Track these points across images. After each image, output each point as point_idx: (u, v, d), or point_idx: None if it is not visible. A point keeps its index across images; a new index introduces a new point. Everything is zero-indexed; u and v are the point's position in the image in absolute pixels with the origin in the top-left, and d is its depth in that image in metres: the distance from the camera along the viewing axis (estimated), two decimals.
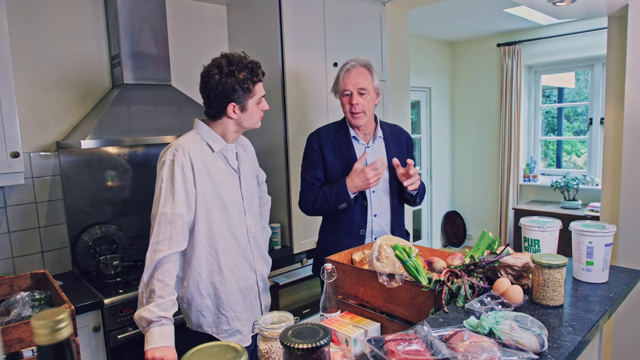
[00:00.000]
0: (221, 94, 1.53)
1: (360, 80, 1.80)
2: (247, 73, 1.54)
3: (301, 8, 2.54)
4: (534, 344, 0.96)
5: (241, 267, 1.66)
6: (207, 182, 1.56)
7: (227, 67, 1.52)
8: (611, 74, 2.90)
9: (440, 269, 1.33)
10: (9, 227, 2.18)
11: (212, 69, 1.54)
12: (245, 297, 1.69)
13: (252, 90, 1.56)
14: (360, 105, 1.81)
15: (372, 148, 1.92)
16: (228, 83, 1.52)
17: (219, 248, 1.60)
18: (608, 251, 1.39)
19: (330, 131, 1.96)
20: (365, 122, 1.86)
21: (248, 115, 1.60)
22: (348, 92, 1.82)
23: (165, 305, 1.43)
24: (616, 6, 2.61)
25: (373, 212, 1.90)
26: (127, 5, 2.29)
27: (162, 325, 1.41)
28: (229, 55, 1.56)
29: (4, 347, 1.31)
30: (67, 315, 0.58)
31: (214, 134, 1.61)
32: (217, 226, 1.59)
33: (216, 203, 1.58)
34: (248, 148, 1.79)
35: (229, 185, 1.63)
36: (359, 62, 1.83)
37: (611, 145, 2.91)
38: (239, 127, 1.63)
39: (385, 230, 1.93)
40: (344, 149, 1.90)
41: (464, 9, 4.09)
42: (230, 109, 1.56)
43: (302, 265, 2.66)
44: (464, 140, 5.82)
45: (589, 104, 4.83)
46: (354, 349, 1.14)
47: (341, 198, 1.79)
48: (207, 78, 1.55)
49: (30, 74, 2.21)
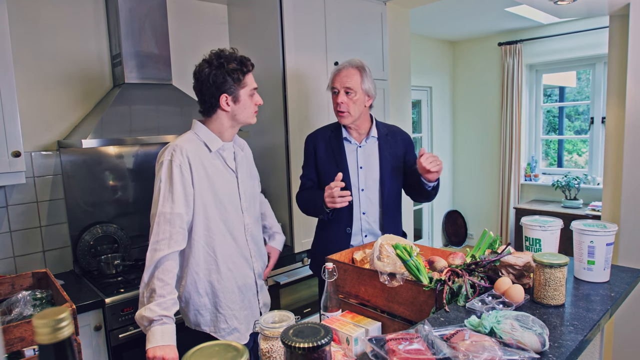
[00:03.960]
0: (213, 86, 1.56)
1: (348, 80, 1.84)
2: (236, 64, 1.57)
3: (302, 7, 2.54)
4: (535, 344, 0.96)
5: (239, 266, 1.67)
6: (204, 181, 1.58)
7: (217, 60, 1.56)
8: (612, 73, 2.89)
9: (441, 268, 1.33)
10: (10, 227, 2.19)
11: (202, 65, 1.59)
12: (244, 295, 1.70)
13: (242, 80, 1.59)
14: (345, 104, 1.85)
15: (364, 148, 1.95)
16: (218, 74, 1.55)
17: (217, 247, 1.61)
18: (609, 250, 1.39)
19: (327, 132, 2.00)
20: (351, 122, 1.89)
21: (241, 107, 1.62)
22: (335, 90, 1.87)
23: (166, 304, 1.43)
24: (617, 5, 2.61)
25: (362, 210, 1.93)
26: (128, 4, 2.29)
27: (163, 324, 1.42)
28: (219, 51, 1.60)
29: (6, 346, 1.31)
30: (69, 315, 0.58)
31: (211, 134, 1.63)
32: (214, 225, 1.60)
33: (213, 202, 1.60)
34: (245, 149, 1.81)
35: (226, 184, 1.64)
36: (351, 63, 1.88)
37: (612, 145, 2.91)
38: (233, 121, 1.64)
39: (374, 229, 1.95)
40: (336, 149, 1.95)
41: (465, 8, 4.09)
42: (222, 100, 1.58)
43: (303, 265, 2.66)
44: (465, 139, 5.81)
45: (590, 103, 4.82)
46: (355, 348, 1.14)
47: (318, 211, 1.87)
48: (199, 73, 1.59)
49: (31, 73, 2.22)
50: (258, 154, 2.70)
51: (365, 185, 1.92)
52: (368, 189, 1.93)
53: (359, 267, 1.40)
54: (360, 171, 1.93)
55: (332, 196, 1.75)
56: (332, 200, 1.76)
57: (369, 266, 1.41)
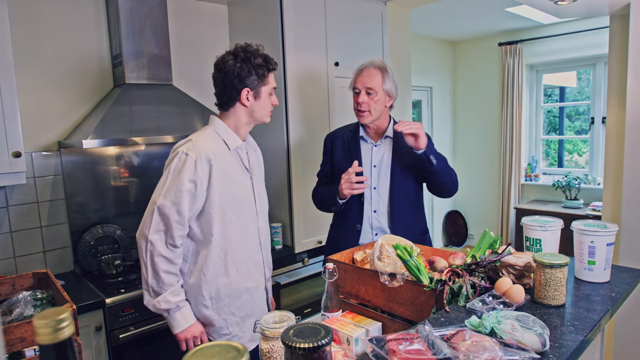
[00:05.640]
0: (236, 78, 1.52)
1: (369, 80, 1.86)
2: (262, 60, 1.55)
3: (302, 8, 2.54)
4: (535, 344, 0.95)
5: (250, 270, 1.63)
6: (224, 180, 1.53)
7: (243, 53, 1.54)
8: (613, 73, 2.89)
9: (441, 268, 1.33)
10: (10, 227, 2.19)
11: (227, 56, 1.55)
12: (254, 299, 1.65)
13: (266, 77, 1.57)
14: (366, 104, 1.86)
15: (380, 147, 1.98)
16: (244, 67, 1.52)
17: (229, 250, 1.57)
18: (610, 250, 1.38)
19: (345, 131, 2.05)
20: (371, 121, 1.91)
21: (261, 105, 1.59)
22: (357, 90, 1.89)
23: (176, 290, 1.49)
24: (618, 5, 2.60)
25: (373, 208, 1.95)
26: (128, 4, 2.30)
27: (180, 308, 1.51)
28: (245, 45, 1.57)
29: (6, 346, 1.31)
30: (69, 315, 0.58)
31: (230, 131, 1.59)
32: (230, 227, 1.56)
33: (231, 203, 1.55)
34: (258, 150, 1.78)
35: (243, 185, 1.61)
36: (373, 63, 1.89)
37: (613, 145, 2.90)
38: (250, 117, 1.61)
39: (384, 227, 1.95)
40: (352, 148, 1.98)
41: (465, 8, 4.09)
42: (244, 94, 1.55)
43: (304, 265, 2.66)
44: (466, 139, 5.81)
45: (590, 103, 4.82)
46: (356, 348, 1.14)
47: (332, 202, 1.90)
48: (222, 64, 1.55)
49: (32, 73, 2.22)
50: None
51: (377, 183, 1.94)
52: (380, 187, 1.95)
53: (359, 268, 1.40)
54: (374, 169, 1.95)
55: (350, 181, 1.77)
56: (349, 185, 1.78)
57: (370, 266, 1.41)
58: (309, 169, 2.63)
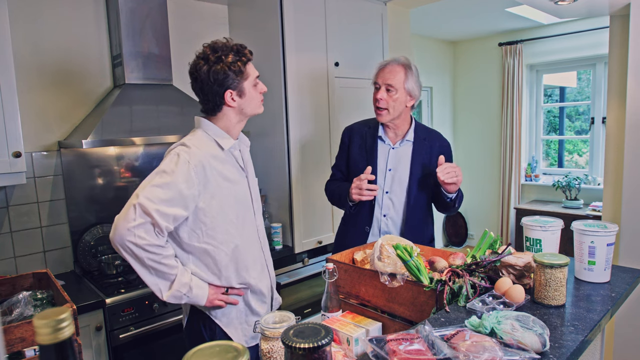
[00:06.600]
0: (215, 84, 1.45)
1: (390, 77, 1.80)
2: (234, 55, 1.46)
3: (302, 8, 2.54)
4: (535, 344, 0.95)
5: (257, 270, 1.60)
6: (222, 183, 1.48)
7: (213, 54, 1.46)
8: (613, 73, 2.89)
9: (441, 268, 1.33)
10: (11, 227, 2.19)
11: (198, 62, 1.47)
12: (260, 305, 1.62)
13: (244, 72, 1.48)
14: (384, 101, 1.81)
15: (397, 150, 1.90)
16: (218, 70, 1.44)
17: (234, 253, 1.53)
18: (610, 251, 1.38)
19: (364, 127, 1.97)
20: (389, 120, 1.85)
21: (248, 100, 1.51)
22: (377, 85, 1.84)
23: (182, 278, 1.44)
24: (618, 5, 2.60)
25: (383, 211, 1.90)
26: (128, 4, 2.30)
27: (192, 288, 1.46)
28: (212, 43, 1.50)
29: (6, 346, 1.31)
30: (69, 315, 0.58)
31: (220, 131, 1.52)
32: (233, 231, 1.52)
33: (231, 207, 1.51)
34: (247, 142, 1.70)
35: (240, 185, 1.56)
36: (396, 60, 1.84)
37: (613, 145, 2.90)
38: (241, 115, 1.54)
39: (393, 232, 1.92)
40: (369, 147, 1.91)
41: (465, 8, 4.09)
42: (227, 96, 1.47)
43: (304, 265, 2.66)
44: (466, 139, 5.81)
45: (590, 103, 4.82)
46: (356, 348, 1.14)
47: (343, 202, 1.88)
48: (196, 72, 1.47)
49: (32, 73, 2.22)
50: (259, 155, 2.70)
51: (390, 188, 1.88)
52: (393, 192, 1.89)
53: (359, 268, 1.40)
54: (388, 173, 1.89)
55: (360, 187, 1.74)
56: (359, 192, 1.74)
57: (370, 266, 1.41)
58: (309, 169, 2.63)
